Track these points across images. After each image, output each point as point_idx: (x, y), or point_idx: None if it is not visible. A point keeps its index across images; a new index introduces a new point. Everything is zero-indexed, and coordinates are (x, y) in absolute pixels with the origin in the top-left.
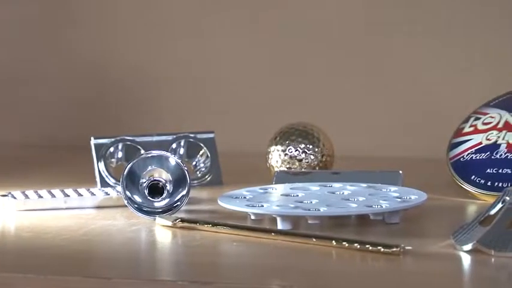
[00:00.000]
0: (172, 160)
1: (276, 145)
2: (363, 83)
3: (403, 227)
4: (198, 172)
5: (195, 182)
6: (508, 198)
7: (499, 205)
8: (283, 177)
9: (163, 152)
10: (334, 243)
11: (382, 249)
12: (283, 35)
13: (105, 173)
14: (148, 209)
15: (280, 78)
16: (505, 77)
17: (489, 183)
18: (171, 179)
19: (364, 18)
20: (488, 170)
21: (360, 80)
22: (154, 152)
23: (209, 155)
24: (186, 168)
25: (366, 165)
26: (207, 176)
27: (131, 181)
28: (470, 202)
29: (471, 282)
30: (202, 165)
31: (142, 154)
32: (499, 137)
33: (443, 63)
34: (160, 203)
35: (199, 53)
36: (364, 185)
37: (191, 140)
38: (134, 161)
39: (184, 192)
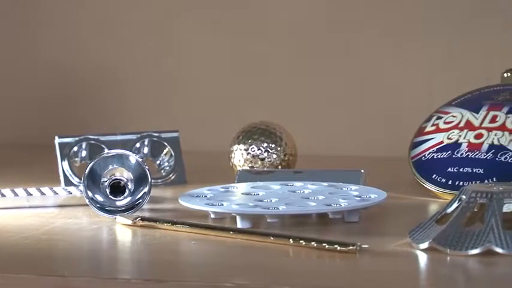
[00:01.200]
0: (133, 158)
1: (239, 144)
2: (326, 82)
3: (362, 226)
4: (162, 171)
5: (159, 180)
6: (464, 197)
7: (456, 204)
8: (246, 176)
9: (123, 151)
10: (292, 242)
11: (339, 248)
12: (247, 34)
13: (69, 172)
14: (111, 208)
15: (243, 78)
16: (468, 76)
17: (450, 182)
18: (132, 177)
19: (327, 17)
20: (449, 169)
21: (323, 80)
22: (114, 151)
23: (173, 154)
24: (146, 166)
25: (329, 164)
26: (171, 175)
27: (92, 181)
28: (431, 201)
29: (426, 280)
30: (166, 164)
31: (103, 153)
32: (460, 136)
33: (407, 62)
34: (122, 201)
35: (163, 53)
36: (325, 184)
37: (155, 139)
38: (95, 161)
39: (145, 190)
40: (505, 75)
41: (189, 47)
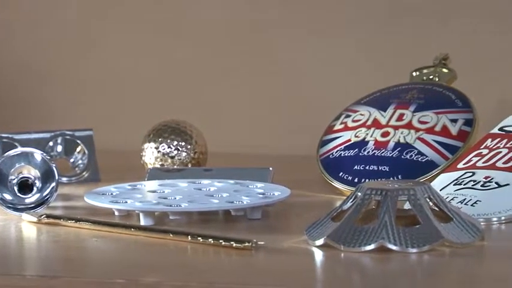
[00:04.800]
0: (38, 156)
1: (149, 142)
2: (239, 81)
3: (264, 223)
4: (76, 169)
5: (73, 178)
6: (359, 194)
7: (351, 201)
8: (156, 174)
9: (28, 149)
10: (190, 239)
11: (235, 245)
12: (162, 34)
13: None
14: (21, 206)
15: (158, 77)
16: (382, 75)
17: (356, 180)
18: (39, 174)
19: (245, 16)
20: (356, 167)
21: (236, 78)
22: (20, 149)
23: (86, 152)
24: (53, 162)
25: (240, 162)
26: (84, 173)
27: (0, 180)
28: (337, 198)
29: (319, 276)
30: (80, 162)
31: (8, 152)
32: (367, 134)
33: (320, 62)
34: (30, 199)
35: (78, 52)
36: (232, 181)
37: (68, 137)
38: (1, 160)
39: (53, 186)
40: (414, 74)
41: (105, 46)
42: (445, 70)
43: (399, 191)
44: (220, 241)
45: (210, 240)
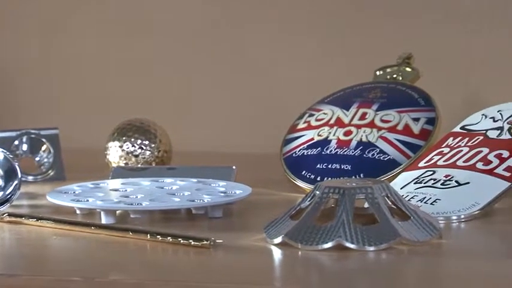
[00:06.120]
0: (0, 154)
1: (114, 141)
2: (203, 80)
3: (225, 221)
4: (42, 167)
5: (39, 177)
6: (318, 192)
7: (309, 199)
8: (120, 172)
9: None
10: (149, 237)
11: (193, 243)
12: (128, 32)
13: None
14: None
15: (121, 75)
16: (346, 74)
17: (319, 178)
18: (2, 173)
19: (209, 13)
20: (318, 166)
21: (200, 77)
22: None
23: (52, 150)
24: (15, 160)
25: (205, 161)
26: (50, 171)
27: None
28: (300, 197)
29: (275, 274)
30: (45, 160)
31: None
32: (330, 133)
33: (285, 61)
34: None
35: (45, 51)
36: (195, 180)
37: (33, 136)
38: None
39: (16, 183)
40: (378, 73)
41: (70, 45)
42: (408, 69)
43: (357, 189)
44: (179, 239)
45: (168, 238)
